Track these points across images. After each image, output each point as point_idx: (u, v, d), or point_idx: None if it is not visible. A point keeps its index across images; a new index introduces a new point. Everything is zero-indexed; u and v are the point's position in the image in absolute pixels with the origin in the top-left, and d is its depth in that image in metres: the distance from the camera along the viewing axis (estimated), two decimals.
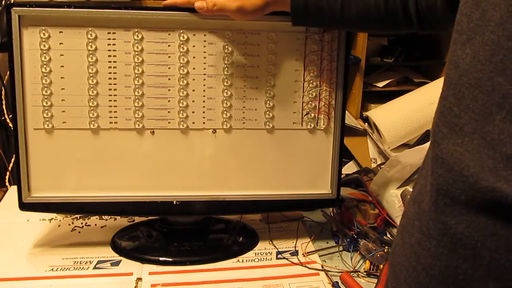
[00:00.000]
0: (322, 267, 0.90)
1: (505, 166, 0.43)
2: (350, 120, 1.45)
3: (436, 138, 0.50)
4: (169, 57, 0.87)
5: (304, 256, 0.94)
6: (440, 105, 0.51)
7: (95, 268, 0.88)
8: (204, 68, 0.89)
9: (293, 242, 0.98)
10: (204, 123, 0.90)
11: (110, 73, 0.87)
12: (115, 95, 0.88)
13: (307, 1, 0.79)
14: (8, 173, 1.27)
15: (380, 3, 0.78)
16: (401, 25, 0.80)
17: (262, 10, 0.82)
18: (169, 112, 0.89)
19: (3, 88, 1.30)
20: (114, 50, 0.86)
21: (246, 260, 0.93)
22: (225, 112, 0.90)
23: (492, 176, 0.43)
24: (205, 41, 0.87)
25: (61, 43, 0.85)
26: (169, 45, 0.87)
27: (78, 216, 1.05)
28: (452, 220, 0.46)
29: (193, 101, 0.90)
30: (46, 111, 0.86)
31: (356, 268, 0.90)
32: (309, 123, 0.93)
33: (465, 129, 0.46)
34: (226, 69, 0.89)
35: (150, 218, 1.03)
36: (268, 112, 0.91)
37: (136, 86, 0.87)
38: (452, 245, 0.46)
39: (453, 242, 0.46)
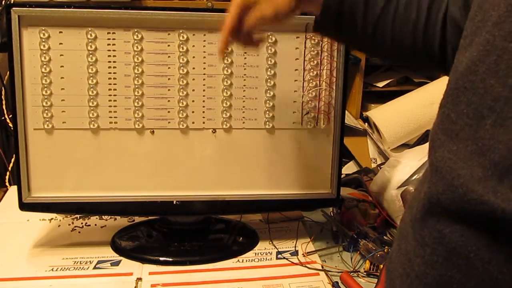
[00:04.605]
0: (322, 267, 0.90)
1: (493, 174, 0.41)
2: (350, 120, 1.45)
3: (433, 145, 0.48)
4: (169, 57, 0.87)
5: (304, 256, 0.93)
6: (440, 112, 0.49)
7: (95, 268, 0.88)
8: (204, 68, 0.89)
9: (293, 242, 0.98)
10: (204, 123, 0.90)
11: (110, 73, 0.87)
12: (115, 95, 0.88)
13: (341, 10, 0.67)
14: (8, 173, 1.27)
15: (418, 32, 0.66)
16: (436, 61, 0.67)
17: (293, 11, 0.69)
18: (169, 112, 0.89)
19: (3, 88, 1.30)
20: (114, 50, 0.86)
21: (246, 260, 0.93)
22: (225, 111, 0.90)
23: (481, 186, 0.42)
24: (204, 41, 0.87)
25: (61, 43, 0.85)
26: (168, 45, 0.87)
27: (78, 216, 1.05)
28: (446, 228, 0.45)
29: (193, 101, 0.90)
30: (46, 111, 0.86)
31: (356, 268, 0.90)
32: (309, 123, 0.93)
33: (460, 136, 0.44)
34: (226, 68, 0.89)
35: (150, 218, 1.03)
36: (268, 112, 0.91)
37: (136, 86, 0.87)
38: (446, 253, 0.45)
39: (447, 251, 0.45)
